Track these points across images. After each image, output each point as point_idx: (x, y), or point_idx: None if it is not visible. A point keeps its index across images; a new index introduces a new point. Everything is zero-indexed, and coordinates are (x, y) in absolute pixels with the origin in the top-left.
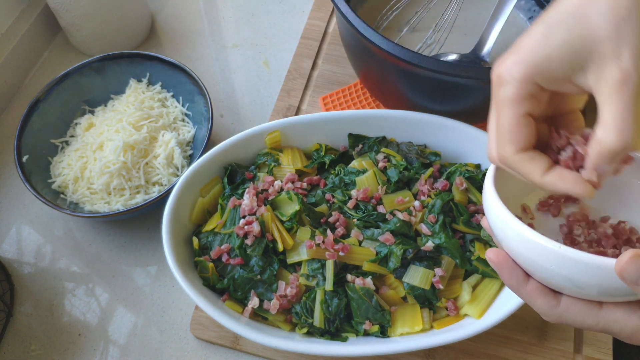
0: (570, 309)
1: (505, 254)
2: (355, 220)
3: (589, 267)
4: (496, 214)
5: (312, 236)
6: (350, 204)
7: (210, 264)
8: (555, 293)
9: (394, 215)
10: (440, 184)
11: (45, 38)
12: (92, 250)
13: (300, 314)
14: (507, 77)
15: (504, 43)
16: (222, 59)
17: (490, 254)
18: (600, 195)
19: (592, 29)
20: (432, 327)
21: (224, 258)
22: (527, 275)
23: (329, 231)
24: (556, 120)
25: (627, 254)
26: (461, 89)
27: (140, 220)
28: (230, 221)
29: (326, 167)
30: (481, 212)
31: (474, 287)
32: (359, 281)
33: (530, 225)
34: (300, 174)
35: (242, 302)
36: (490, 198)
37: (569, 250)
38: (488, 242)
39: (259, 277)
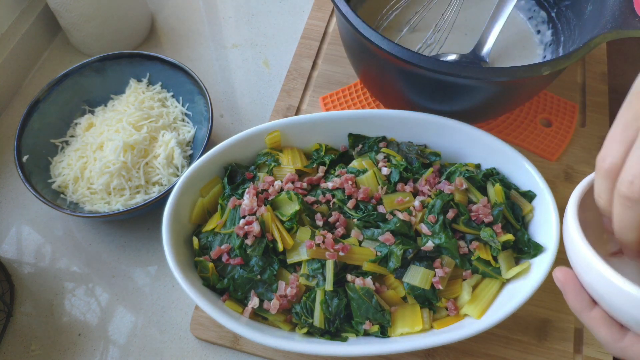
0: (636, 346)
1: (574, 275)
2: (355, 220)
3: None
4: (573, 241)
5: (312, 236)
6: (350, 204)
7: (210, 264)
8: (622, 327)
9: (394, 215)
10: (444, 185)
11: (45, 38)
12: (92, 250)
13: (300, 314)
14: None
15: (504, 43)
16: (222, 59)
17: (557, 273)
18: None
19: None
20: (432, 327)
21: (224, 258)
22: (594, 301)
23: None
24: None
25: None
26: (461, 89)
27: (140, 220)
28: (230, 221)
29: (326, 167)
30: (481, 212)
31: (474, 287)
32: (359, 281)
33: (615, 254)
34: (300, 174)
35: (242, 302)
36: (569, 223)
37: None
38: (488, 243)
39: (259, 277)
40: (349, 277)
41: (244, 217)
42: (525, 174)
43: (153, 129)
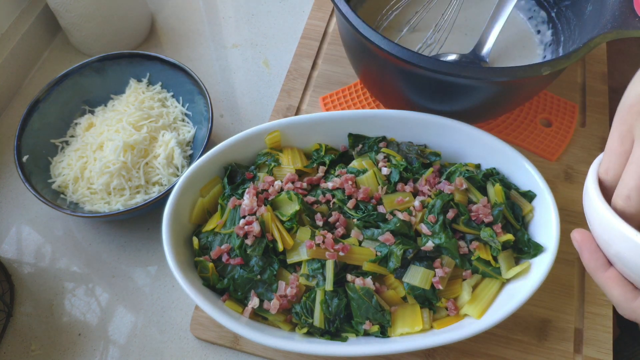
0: None
1: (591, 236)
2: (355, 220)
3: None
4: (592, 200)
5: (312, 236)
6: (350, 204)
7: (210, 264)
8: (635, 288)
9: (394, 215)
10: (444, 185)
11: (45, 38)
12: (92, 250)
13: (300, 314)
14: None
15: (504, 43)
16: (222, 59)
17: (575, 234)
18: None
19: None
20: (432, 327)
21: (224, 258)
22: (609, 262)
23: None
24: None
25: None
26: (461, 89)
27: (140, 220)
28: (230, 221)
29: (326, 167)
30: (481, 212)
31: (474, 287)
32: (359, 281)
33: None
34: (300, 174)
35: (242, 302)
36: (589, 183)
37: None
38: (488, 243)
39: (259, 277)
40: (349, 277)
41: (244, 217)
42: (525, 174)
43: (153, 129)
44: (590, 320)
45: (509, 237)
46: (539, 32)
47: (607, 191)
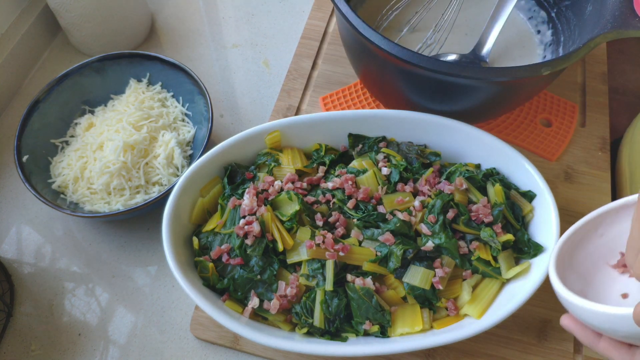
0: None
1: (575, 318)
2: (355, 220)
3: None
4: (556, 290)
5: (312, 236)
6: (350, 204)
7: (210, 264)
8: (630, 345)
9: (394, 215)
10: (444, 185)
11: (45, 38)
12: (92, 250)
13: (300, 314)
14: None
15: (504, 43)
16: (222, 59)
17: (564, 321)
18: None
19: None
20: (432, 327)
21: (224, 258)
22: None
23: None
24: None
25: None
26: (461, 89)
27: (140, 220)
28: (230, 221)
29: (326, 167)
30: (481, 212)
31: (474, 287)
32: (359, 281)
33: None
34: (300, 174)
35: (242, 302)
36: (551, 275)
37: (623, 310)
38: (488, 243)
39: (259, 277)
40: (349, 277)
41: (244, 217)
42: (525, 174)
43: (153, 129)
44: None
45: (509, 237)
46: (539, 32)
47: None
